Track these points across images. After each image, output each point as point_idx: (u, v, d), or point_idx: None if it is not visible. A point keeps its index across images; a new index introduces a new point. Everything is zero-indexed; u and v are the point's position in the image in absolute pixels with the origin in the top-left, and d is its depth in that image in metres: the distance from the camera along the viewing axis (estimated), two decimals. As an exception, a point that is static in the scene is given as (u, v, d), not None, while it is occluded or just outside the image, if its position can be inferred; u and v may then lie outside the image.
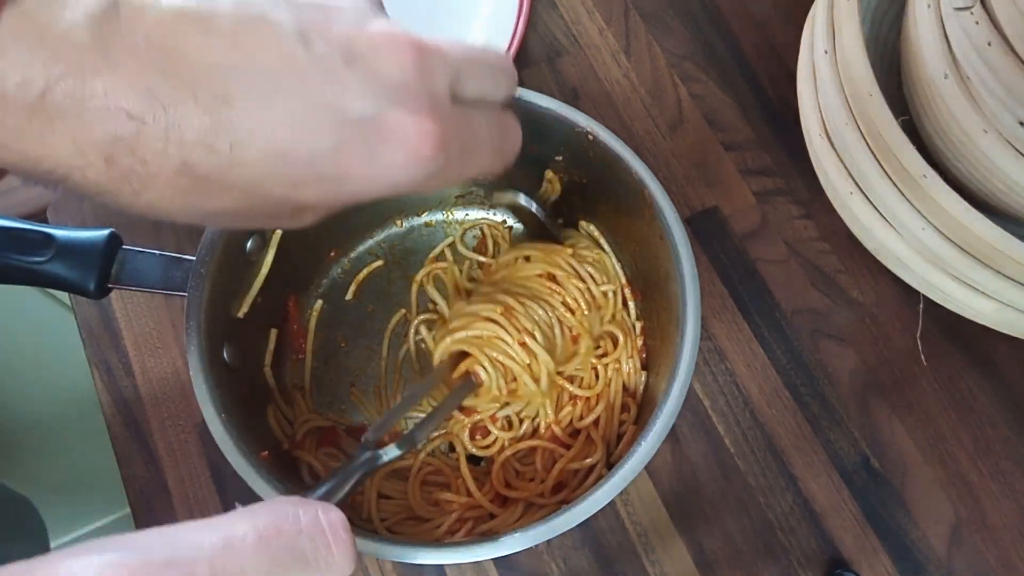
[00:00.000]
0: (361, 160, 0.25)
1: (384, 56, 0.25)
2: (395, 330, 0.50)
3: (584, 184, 0.46)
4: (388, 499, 0.44)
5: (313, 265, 0.50)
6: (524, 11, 0.57)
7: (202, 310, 0.39)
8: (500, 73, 0.30)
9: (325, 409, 0.48)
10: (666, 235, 0.41)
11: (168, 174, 0.24)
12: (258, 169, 0.24)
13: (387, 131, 0.25)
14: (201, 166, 0.24)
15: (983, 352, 0.51)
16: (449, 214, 0.52)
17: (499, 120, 0.30)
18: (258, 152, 0.24)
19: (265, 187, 0.25)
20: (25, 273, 0.39)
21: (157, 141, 0.23)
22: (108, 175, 0.23)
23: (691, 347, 0.39)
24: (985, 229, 0.39)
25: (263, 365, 0.46)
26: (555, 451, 0.45)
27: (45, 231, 0.39)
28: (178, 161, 0.23)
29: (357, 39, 0.25)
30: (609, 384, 0.46)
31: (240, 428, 0.38)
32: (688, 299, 0.39)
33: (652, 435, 0.37)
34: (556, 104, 0.43)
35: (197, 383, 0.38)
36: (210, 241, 0.40)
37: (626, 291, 0.48)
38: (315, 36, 0.24)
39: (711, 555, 0.47)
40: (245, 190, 0.25)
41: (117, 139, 0.22)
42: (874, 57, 0.44)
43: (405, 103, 0.25)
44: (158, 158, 0.23)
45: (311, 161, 0.25)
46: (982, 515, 0.48)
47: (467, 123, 0.28)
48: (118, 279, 0.40)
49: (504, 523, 0.43)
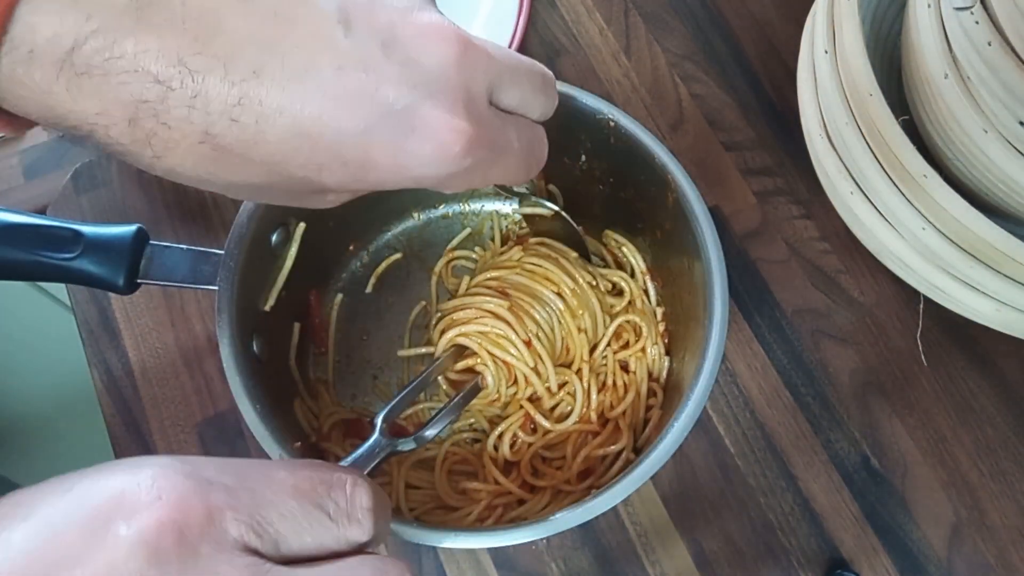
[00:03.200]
0: (387, 150, 0.25)
1: (427, 47, 0.25)
2: (415, 322, 0.50)
3: (605, 171, 0.47)
4: (416, 489, 0.44)
5: (333, 259, 0.51)
6: (524, 11, 0.57)
7: (232, 303, 0.40)
8: (542, 90, 0.30)
9: (349, 402, 0.48)
10: (690, 218, 0.41)
11: (190, 141, 0.24)
12: (282, 148, 0.24)
13: (418, 123, 0.25)
14: (224, 137, 0.24)
15: (983, 352, 0.51)
16: (466, 205, 0.53)
17: (531, 133, 0.30)
18: (283, 130, 0.24)
19: (288, 167, 0.25)
20: (54, 270, 0.39)
21: (182, 108, 0.23)
22: (131, 136, 0.23)
23: (720, 328, 0.39)
24: (985, 229, 0.39)
25: (288, 359, 0.47)
26: (585, 436, 0.45)
27: (73, 227, 0.39)
28: (201, 130, 0.23)
29: (401, 27, 0.25)
30: (635, 372, 0.46)
31: (272, 420, 0.38)
32: (715, 280, 0.40)
33: (684, 417, 0.37)
34: (577, 91, 0.43)
35: (231, 375, 0.38)
36: (238, 236, 0.41)
37: (646, 277, 0.48)
38: (357, 19, 0.24)
39: (711, 555, 0.47)
40: (267, 167, 0.25)
41: (142, 102, 0.22)
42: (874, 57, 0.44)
43: (441, 97, 0.25)
44: (181, 124, 0.23)
45: (336, 145, 0.25)
46: (982, 515, 0.47)
47: (500, 130, 0.28)
48: (147, 274, 0.40)
49: (532, 510, 0.43)
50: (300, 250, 0.45)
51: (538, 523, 0.35)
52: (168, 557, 0.22)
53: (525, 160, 0.30)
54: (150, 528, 0.22)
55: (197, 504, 0.23)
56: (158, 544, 0.22)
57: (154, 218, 0.54)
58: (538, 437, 0.45)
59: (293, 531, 0.25)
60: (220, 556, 0.23)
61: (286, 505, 0.25)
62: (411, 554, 0.46)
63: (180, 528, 0.22)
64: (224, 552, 0.23)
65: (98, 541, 0.21)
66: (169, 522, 0.22)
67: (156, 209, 0.54)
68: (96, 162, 0.55)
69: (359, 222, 0.51)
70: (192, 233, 0.53)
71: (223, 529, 0.23)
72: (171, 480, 0.23)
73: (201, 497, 0.23)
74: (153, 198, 0.54)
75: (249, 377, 0.39)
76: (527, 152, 0.30)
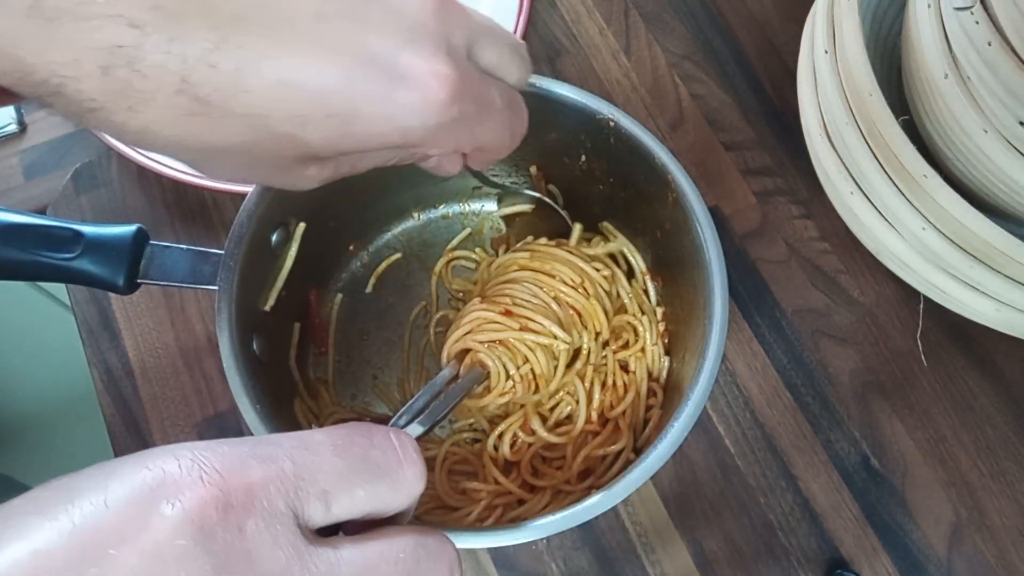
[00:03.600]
0: (372, 98, 0.25)
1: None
2: (415, 322, 0.50)
3: (605, 171, 0.47)
4: None
5: (333, 259, 0.51)
6: (524, 11, 0.57)
7: (232, 302, 0.40)
8: (517, 54, 0.30)
9: (349, 402, 0.48)
10: (690, 218, 0.41)
11: (167, 92, 0.23)
12: (264, 98, 0.24)
13: (402, 70, 0.25)
14: (203, 86, 0.23)
15: (983, 352, 0.51)
16: (466, 206, 0.53)
17: (512, 95, 0.30)
18: (264, 79, 0.23)
19: (270, 121, 0.24)
20: (54, 270, 0.39)
21: (158, 54, 0.22)
22: (104, 88, 0.22)
23: (720, 328, 0.39)
24: (985, 229, 0.39)
25: (288, 359, 0.47)
26: (585, 436, 0.45)
27: (73, 227, 0.39)
28: (178, 78, 0.22)
29: None
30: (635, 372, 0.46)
31: (272, 420, 0.38)
32: (715, 280, 0.40)
33: (684, 417, 0.37)
34: (577, 91, 0.43)
35: (231, 375, 0.38)
36: (238, 235, 0.41)
37: (646, 277, 0.48)
38: None
39: (711, 555, 0.47)
40: (248, 121, 0.24)
41: (116, 48, 0.22)
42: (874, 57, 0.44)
43: (423, 45, 0.25)
44: (157, 72, 0.22)
45: (320, 94, 0.24)
46: (982, 515, 0.47)
47: (483, 84, 0.28)
48: (147, 274, 0.40)
49: (532, 510, 0.43)
50: (300, 250, 0.45)
51: (538, 523, 0.35)
52: (213, 534, 0.22)
53: (509, 121, 0.30)
54: (194, 507, 0.22)
55: (238, 481, 0.23)
56: (203, 522, 0.22)
57: (154, 218, 0.54)
58: (538, 437, 0.45)
59: (343, 487, 0.24)
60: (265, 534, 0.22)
61: (331, 463, 0.24)
62: (411, 554, 0.46)
63: (224, 505, 0.22)
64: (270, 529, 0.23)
65: (143, 521, 0.21)
66: (212, 500, 0.22)
67: (156, 209, 0.54)
68: (96, 162, 0.55)
69: (359, 222, 0.51)
70: (192, 233, 0.53)
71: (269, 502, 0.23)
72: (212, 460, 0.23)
73: (242, 474, 0.23)
74: (153, 198, 0.54)
75: (249, 377, 0.39)
76: (510, 114, 0.30)
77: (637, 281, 0.49)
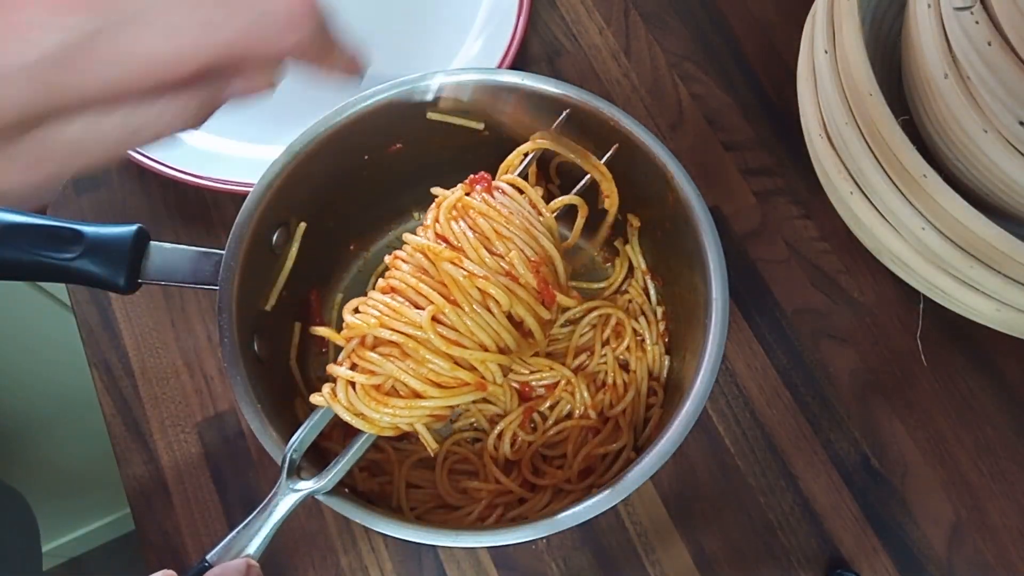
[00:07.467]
0: None
1: None
2: None
3: None
4: (417, 488, 0.44)
5: (334, 260, 0.51)
6: (524, 11, 0.57)
7: (233, 302, 0.40)
8: None
9: None
10: (690, 218, 0.41)
11: None
12: None
13: None
14: None
15: (983, 352, 0.51)
16: None
17: None
18: None
19: None
20: (54, 270, 0.39)
21: None
22: None
23: (720, 328, 0.39)
24: (985, 229, 0.39)
25: (289, 359, 0.47)
26: (586, 435, 0.45)
27: (74, 227, 0.39)
28: None
29: None
30: (635, 372, 0.47)
31: (272, 420, 0.38)
32: (715, 280, 0.40)
33: (684, 416, 0.37)
34: (577, 91, 0.43)
35: (232, 374, 0.38)
36: (239, 235, 0.41)
37: (646, 277, 0.49)
38: None
39: (711, 555, 0.47)
40: None
41: None
42: (874, 57, 0.44)
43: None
44: None
45: None
46: (982, 515, 0.47)
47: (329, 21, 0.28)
48: (148, 274, 0.40)
49: (533, 509, 0.43)
50: (301, 250, 0.45)
51: (538, 522, 0.35)
52: None
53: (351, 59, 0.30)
54: None
55: None
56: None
57: (154, 218, 0.54)
58: (538, 436, 0.45)
59: None
60: None
61: None
62: (411, 553, 0.46)
63: None
64: None
65: None
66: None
67: (156, 209, 0.54)
68: (96, 162, 0.55)
69: (360, 222, 0.51)
70: (192, 233, 0.53)
71: None
72: None
73: None
74: (153, 198, 0.54)
75: (249, 377, 0.39)
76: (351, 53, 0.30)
77: (637, 281, 0.49)
